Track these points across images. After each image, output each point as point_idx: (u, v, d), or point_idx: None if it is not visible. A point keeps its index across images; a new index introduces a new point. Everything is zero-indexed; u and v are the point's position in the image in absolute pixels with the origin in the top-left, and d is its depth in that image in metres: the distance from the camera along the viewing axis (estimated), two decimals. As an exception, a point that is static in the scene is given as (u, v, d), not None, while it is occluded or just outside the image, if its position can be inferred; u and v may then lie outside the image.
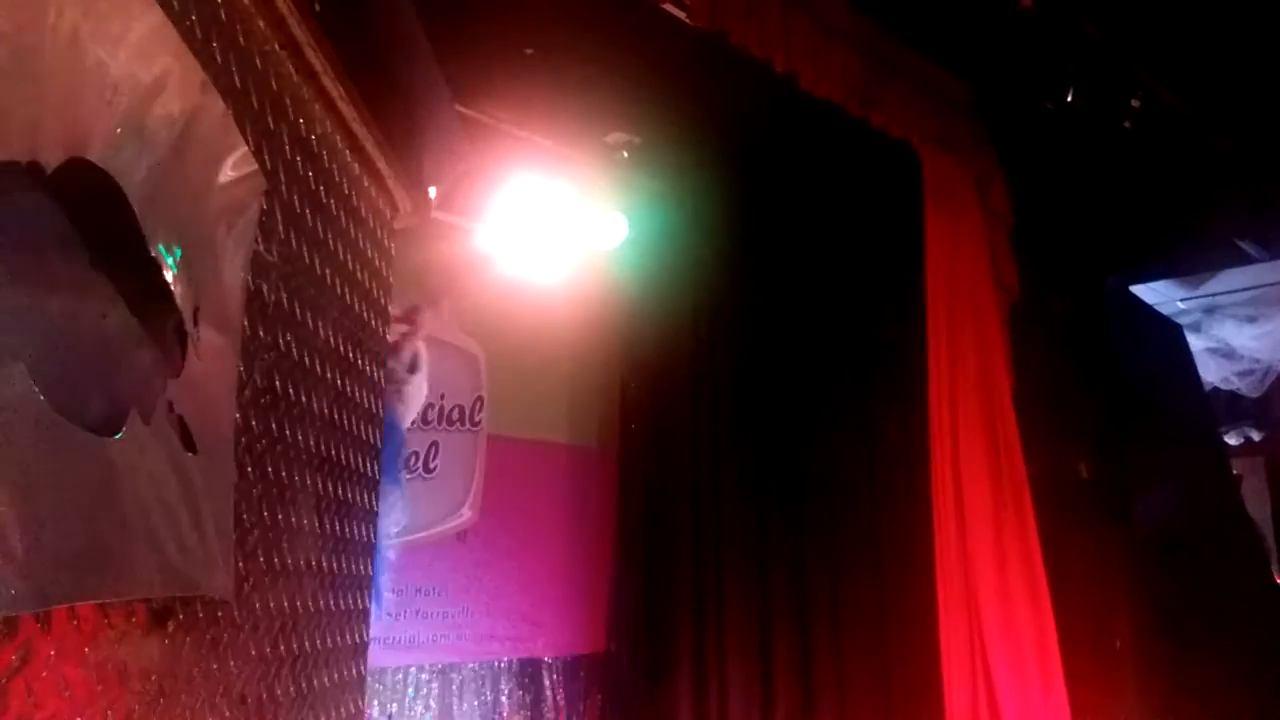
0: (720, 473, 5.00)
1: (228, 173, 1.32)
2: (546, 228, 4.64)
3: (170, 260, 1.26)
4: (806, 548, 4.77)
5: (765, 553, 4.83)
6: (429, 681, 4.79)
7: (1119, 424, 4.82)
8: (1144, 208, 4.66)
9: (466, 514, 4.95)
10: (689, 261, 5.15)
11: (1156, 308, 5.77)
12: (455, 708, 4.82)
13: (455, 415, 5.02)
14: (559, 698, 5.21)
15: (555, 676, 5.21)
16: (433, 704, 4.75)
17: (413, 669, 4.74)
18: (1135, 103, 3.93)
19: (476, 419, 5.07)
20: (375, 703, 4.52)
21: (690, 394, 5.19)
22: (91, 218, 1.05)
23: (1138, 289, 5.45)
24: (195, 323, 1.25)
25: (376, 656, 4.38)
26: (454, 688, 4.84)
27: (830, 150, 4.54)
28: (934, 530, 4.11)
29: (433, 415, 4.94)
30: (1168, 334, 5.68)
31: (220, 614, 1.49)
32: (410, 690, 4.73)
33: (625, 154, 4.84)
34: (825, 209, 4.83)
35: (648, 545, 5.23)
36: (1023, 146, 4.35)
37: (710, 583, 4.89)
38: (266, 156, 1.57)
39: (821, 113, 3.92)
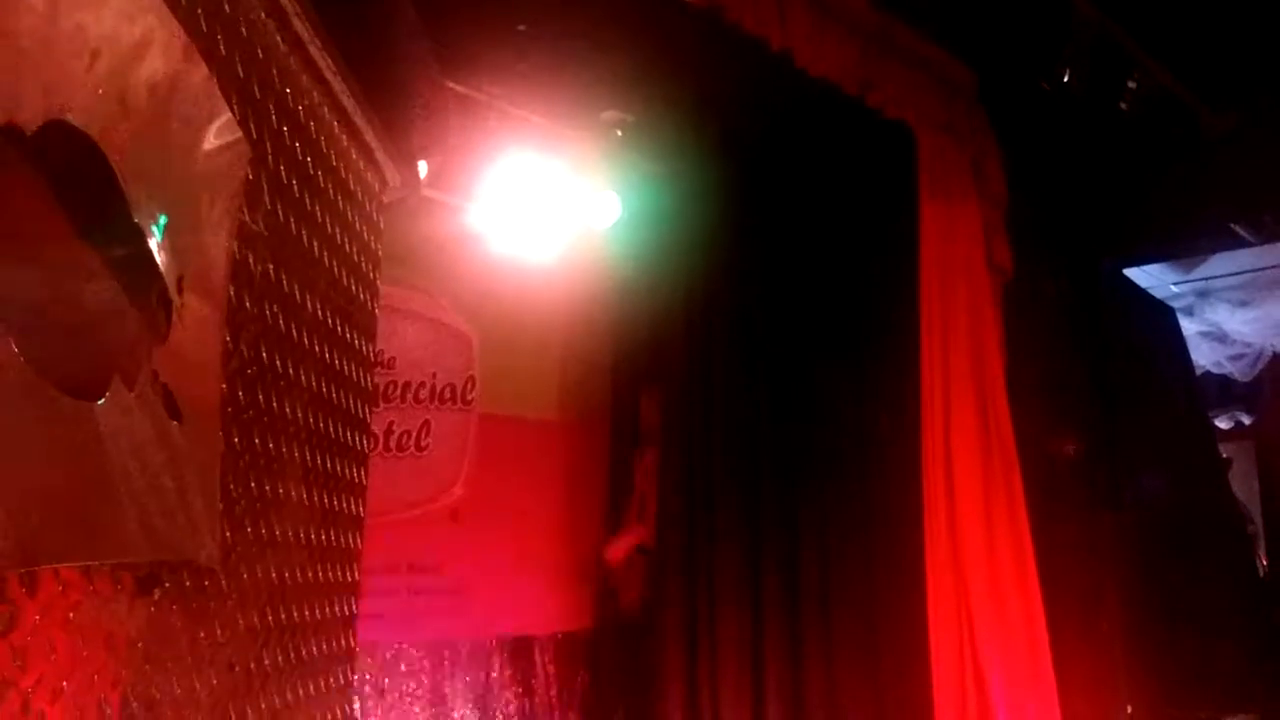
0: (713, 451, 5.01)
1: (212, 140, 1.31)
2: (539, 206, 4.62)
3: (154, 227, 1.25)
4: (799, 526, 4.78)
5: (758, 530, 4.84)
6: (420, 658, 4.81)
7: (1110, 406, 4.83)
8: (1139, 191, 4.66)
9: (458, 492, 4.96)
10: (682, 241, 5.14)
11: (1150, 291, 5.78)
12: (446, 684, 4.85)
13: (447, 394, 5.02)
14: (550, 674, 5.24)
15: (547, 653, 5.25)
16: (424, 680, 4.77)
17: (404, 646, 4.76)
18: (1131, 84, 3.93)
19: (469, 397, 5.07)
20: (368, 678, 4.54)
21: (684, 372, 5.19)
22: (74, 182, 1.05)
23: (1131, 272, 5.45)
24: (180, 291, 1.25)
25: (368, 632, 4.44)
26: (445, 664, 4.87)
27: (825, 130, 4.53)
28: (924, 510, 4.13)
29: (425, 393, 4.95)
30: (1160, 317, 5.69)
31: (207, 583, 1.49)
32: (402, 666, 4.76)
33: (619, 132, 4.82)
34: (820, 189, 4.82)
35: (639, 524, 5.26)
36: (1018, 128, 4.34)
37: (702, 558, 4.91)
38: (252, 126, 1.56)
39: (817, 92, 3.91)
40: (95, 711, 1.24)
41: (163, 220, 1.26)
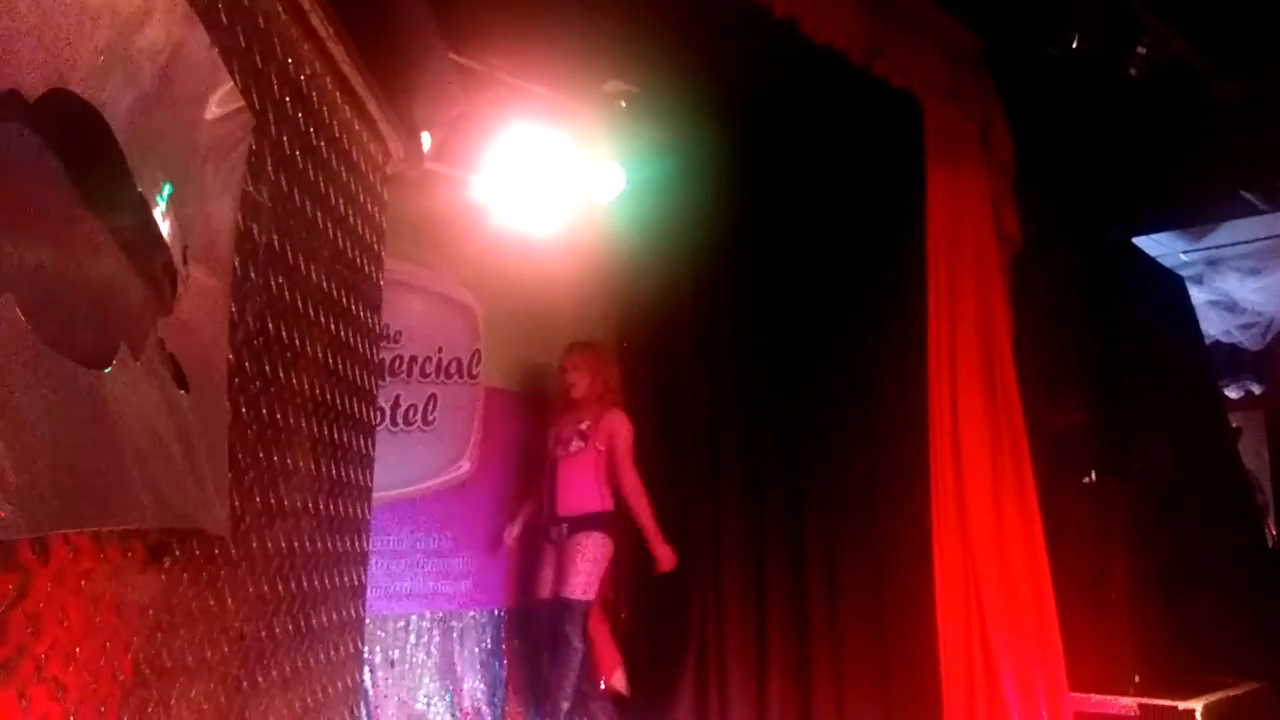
0: (718, 423, 5.02)
1: (214, 109, 1.31)
2: (543, 178, 4.61)
3: (159, 197, 1.25)
4: (803, 500, 4.79)
5: (762, 503, 4.86)
6: (430, 629, 4.85)
7: (1118, 376, 4.82)
8: (1148, 158, 4.62)
9: (465, 465, 4.98)
10: (687, 212, 5.13)
11: (1159, 260, 5.75)
12: (456, 655, 4.88)
13: (453, 368, 5.03)
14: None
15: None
16: (434, 651, 4.81)
17: (414, 617, 4.79)
18: (1140, 50, 3.88)
19: (474, 371, 5.08)
20: (378, 649, 4.58)
21: (689, 345, 5.19)
22: (76, 150, 1.04)
23: (1140, 240, 5.42)
24: (184, 261, 1.25)
25: (378, 604, 4.47)
26: (455, 635, 4.90)
27: (830, 99, 4.50)
28: (930, 481, 4.12)
29: (431, 368, 4.95)
30: (1169, 286, 5.66)
31: (217, 551, 1.50)
32: (411, 637, 4.79)
33: (623, 103, 4.80)
34: (825, 159, 4.79)
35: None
36: (1026, 95, 4.30)
37: (708, 530, 4.93)
38: (255, 96, 1.56)
39: (821, 60, 3.87)
40: (108, 677, 1.26)
41: (167, 190, 1.26)
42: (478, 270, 4.99)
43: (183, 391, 1.28)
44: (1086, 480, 4.46)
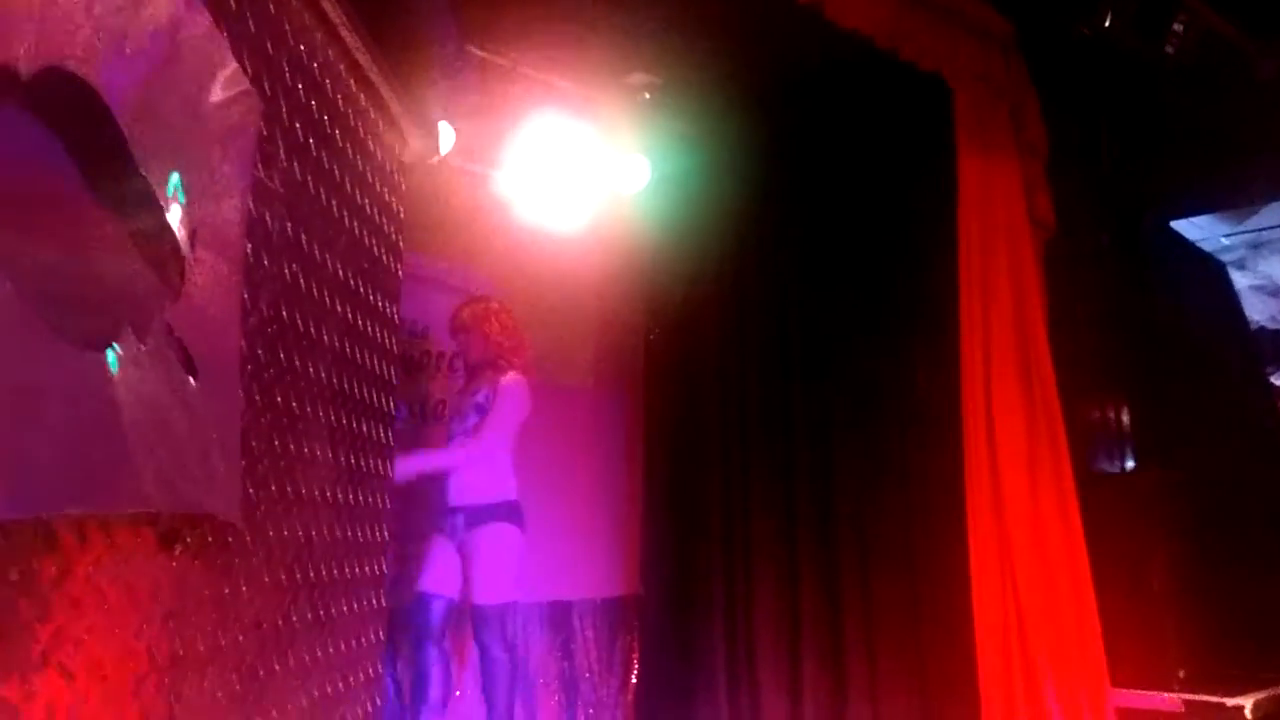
0: (746, 417, 4.98)
1: (219, 92, 1.30)
2: (567, 172, 4.59)
3: (169, 182, 1.24)
4: (834, 493, 4.73)
5: (792, 495, 4.81)
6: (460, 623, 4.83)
7: (1159, 364, 4.71)
8: (1186, 139, 4.51)
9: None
10: (713, 204, 5.09)
11: (1198, 244, 5.61)
12: (486, 649, 4.86)
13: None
14: (589, 640, 5.27)
15: (585, 619, 5.28)
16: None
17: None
18: (1177, 26, 3.78)
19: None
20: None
21: (716, 339, 5.15)
22: (74, 130, 1.03)
23: (1178, 224, 5.29)
24: (193, 245, 1.24)
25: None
26: (485, 630, 4.88)
27: (858, 86, 4.44)
28: (965, 472, 4.06)
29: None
30: (1210, 271, 5.53)
31: (231, 539, 1.49)
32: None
33: (647, 95, 4.77)
34: (853, 146, 4.73)
35: (675, 490, 5.26)
36: (1059, 77, 4.22)
37: (738, 525, 4.89)
38: (266, 82, 1.55)
39: (848, 46, 3.82)
40: (116, 664, 1.25)
41: (174, 174, 1.25)
42: (504, 265, 4.99)
43: (191, 377, 1.27)
44: (1126, 470, 4.37)
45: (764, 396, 4.95)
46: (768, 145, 4.93)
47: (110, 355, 1.07)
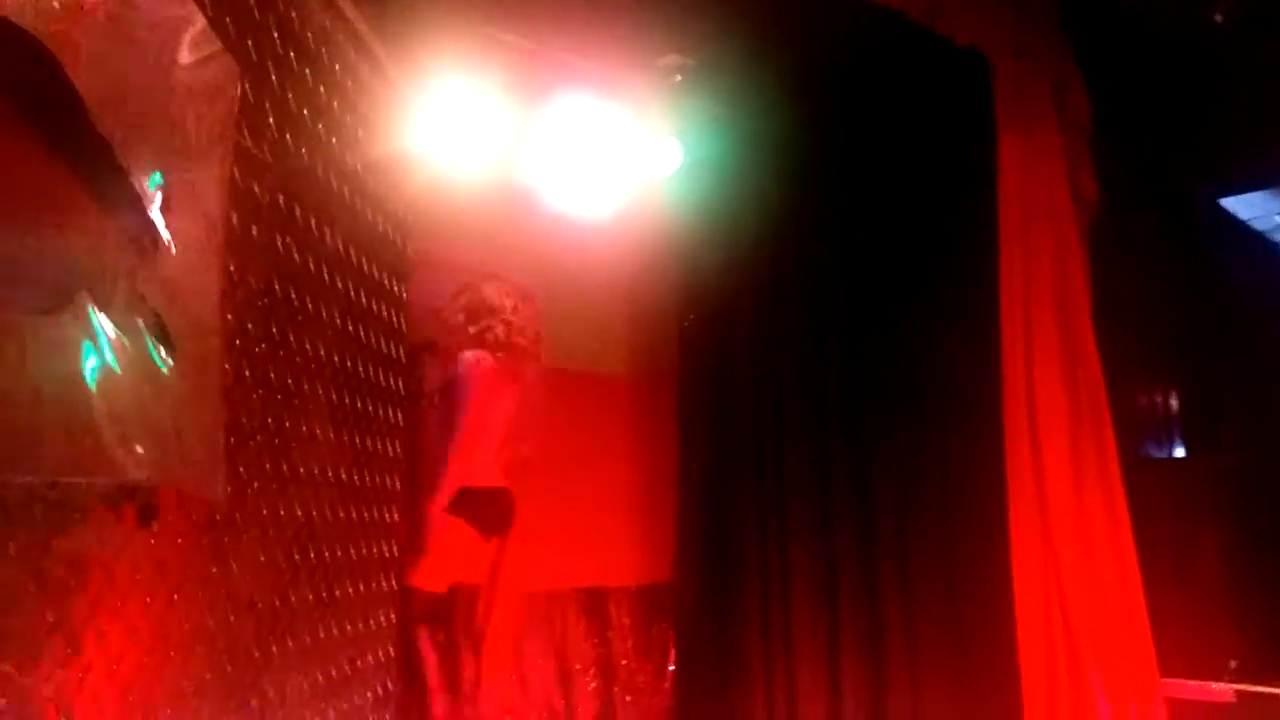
0: (783, 403, 4.88)
1: (188, 52, 1.26)
2: (599, 156, 4.53)
3: (133, 141, 1.19)
4: (873, 476, 4.63)
5: (829, 482, 4.71)
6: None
7: (1208, 347, 4.55)
8: (1237, 112, 4.33)
9: (528, 445, 4.93)
10: (747, 187, 4.99)
11: (1249, 223, 5.41)
12: (524, 635, 4.85)
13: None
14: (626, 627, 5.24)
15: (621, 606, 5.24)
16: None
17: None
18: (1227, -6, 3.64)
19: (537, 354, 5.03)
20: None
21: (751, 324, 5.06)
22: (17, 80, 0.99)
23: (1228, 202, 5.10)
24: (164, 210, 1.20)
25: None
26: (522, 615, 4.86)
27: (893, 63, 4.33)
28: (1006, 456, 3.96)
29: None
30: (1262, 250, 5.33)
31: (218, 518, 1.46)
32: (479, 619, 4.78)
33: (678, 77, 4.69)
34: (890, 125, 4.61)
35: (711, 477, 5.17)
36: (1103, 48, 4.07)
37: (774, 513, 4.81)
38: (251, 47, 1.51)
39: (882, 22, 3.73)
40: (93, 642, 1.22)
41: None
42: (536, 250, 4.94)
43: (165, 347, 1.23)
44: (1174, 456, 4.24)
45: (800, 383, 4.86)
46: (802, 126, 4.82)
47: (62, 323, 1.03)
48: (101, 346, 1.10)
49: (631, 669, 5.24)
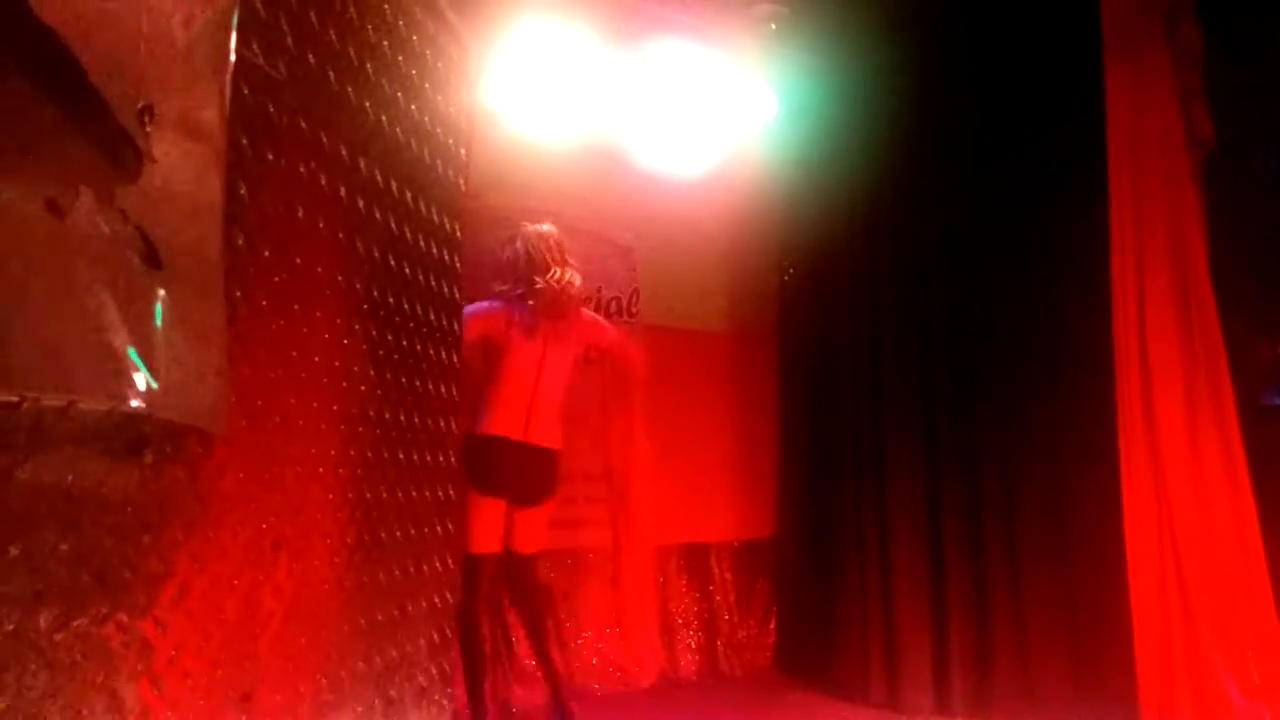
0: (883, 358, 4.75)
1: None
2: (694, 108, 4.47)
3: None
4: (976, 431, 4.46)
5: (935, 436, 4.56)
6: (598, 564, 4.86)
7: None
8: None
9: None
10: (844, 135, 4.86)
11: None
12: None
13: (613, 307, 5.02)
14: (728, 582, 5.23)
15: (723, 561, 5.23)
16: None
17: (583, 551, 4.82)
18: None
19: (634, 310, 5.04)
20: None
21: (851, 277, 4.93)
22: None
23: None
24: (145, 123, 1.20)
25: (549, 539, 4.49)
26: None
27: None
28: (1118, 409, 3.78)
29: (591, 307, 4.93)
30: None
31: (221, 450, 1.42)
32: (580, 572, 4.83)
33: (773, 25, 4.58)
34: (991, 65, 4.40)
35: (812, 432, 5.11)
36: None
37: (871, 467, 4.69)
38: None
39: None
40: (88, 578, 1.20)
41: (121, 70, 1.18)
42: (634, 207, 4.93)
43: (152, 267, 1.22)
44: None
45: (902, 337, 4.71)
46: (900, 68, 4.65)
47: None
48: (68, 264, 1.10)
49: (733, 623, 5.25)
